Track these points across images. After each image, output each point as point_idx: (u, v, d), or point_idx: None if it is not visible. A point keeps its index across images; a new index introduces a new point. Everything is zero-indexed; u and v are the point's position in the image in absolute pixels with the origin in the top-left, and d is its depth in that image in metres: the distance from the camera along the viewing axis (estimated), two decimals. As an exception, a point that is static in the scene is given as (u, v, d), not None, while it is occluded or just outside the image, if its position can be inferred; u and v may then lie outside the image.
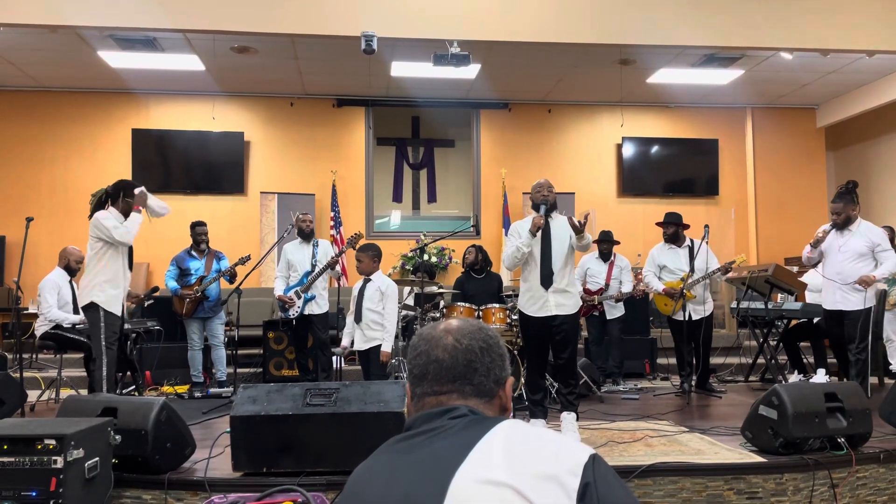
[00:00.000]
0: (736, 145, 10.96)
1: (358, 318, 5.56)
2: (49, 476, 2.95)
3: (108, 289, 5.04)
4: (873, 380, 7.19)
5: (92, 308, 4.98)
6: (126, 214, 5.17)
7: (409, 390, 1.42)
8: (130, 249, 5.27)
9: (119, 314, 5.12)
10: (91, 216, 5.12)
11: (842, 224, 5.77)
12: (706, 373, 6.76)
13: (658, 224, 6.84)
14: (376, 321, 5.53)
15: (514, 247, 4.70)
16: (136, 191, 5.18)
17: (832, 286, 5.80)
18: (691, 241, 6.75)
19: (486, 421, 1.29)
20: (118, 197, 5.19)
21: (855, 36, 7.10)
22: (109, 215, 5.09)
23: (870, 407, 4.05)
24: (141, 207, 5.23)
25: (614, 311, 7.06)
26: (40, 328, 6.33)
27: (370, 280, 5.61)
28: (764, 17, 6.98)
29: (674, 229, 6.70)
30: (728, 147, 10.92)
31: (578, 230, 4.59)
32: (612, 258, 7.17)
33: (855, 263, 5.69)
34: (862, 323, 5.67)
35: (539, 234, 4.68)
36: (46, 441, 2.99)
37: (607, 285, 7.05)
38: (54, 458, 2.96)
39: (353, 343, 5.69)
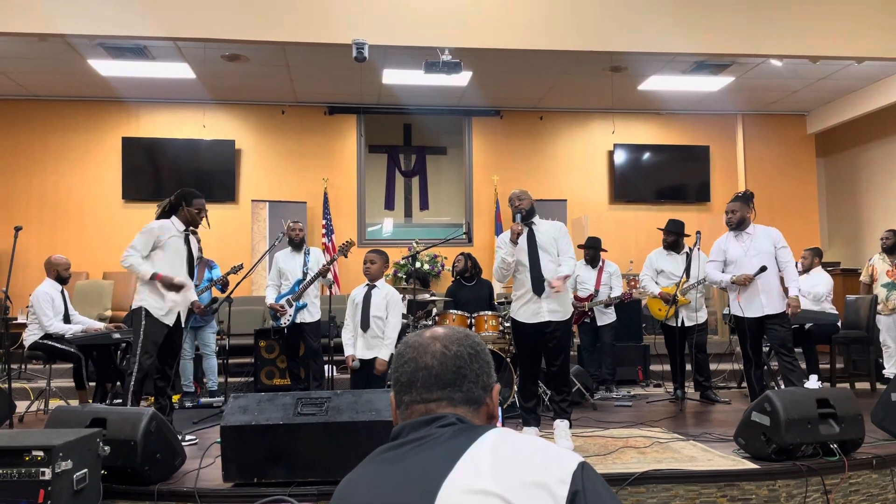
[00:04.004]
0: (727, 152, 11.00)
1: (365, 327, 5.33)
2: (37, 488, 2.92)
3: (157, 296, 4.82)
4: (865, 385, 7.23)
5: (136, 313, 4.80)
6: (188, 224, 4.98)
7: (394, 399, 1.40)
8: (191, 256, 5.02)
9: (169, 324, 4.87)
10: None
11: (737, 224, 5.69)
12: (707, 381, 6.73)
13: (661, 229, 6.85)
14: (382, 330, 5.32)
15: (499, 258, 4.72)
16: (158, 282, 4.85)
17: (751, 292, 5.56)
18: (689, 248, 6.76)
19: (475, 429, 1.28)
20: (180, 206, 4.98)
21: (844, 43, 7.14)
22: (150, 232, 4.86)
23: (862, 413, 4.06)
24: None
25: (605, 318, 7.05)
26: (29, 338, 6.27)
27: (375, 287, 5.39)
28: (754, 24, 7.01)
29: (674, 238, 6.73)
30: (719, 154, 10.95)
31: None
32: (601, 264, 7.18)
33: (768, 262, 5.57)
34: (788, 324, 5.60)
35: (525, 242, 4.69)
36: (34, 452, 2.95)
37: (597, 291, 7.05)
38: (42, 469, 2.93)
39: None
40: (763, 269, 5.51)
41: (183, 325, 5.08)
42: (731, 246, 5.75)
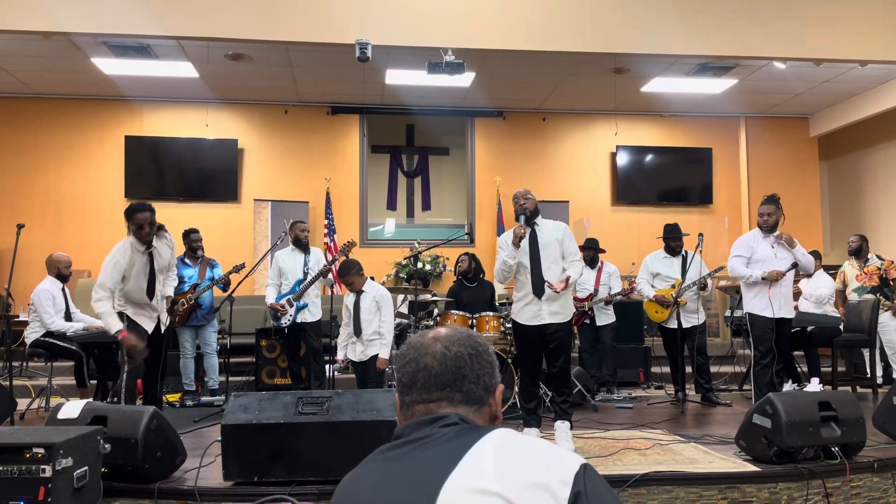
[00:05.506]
0: (730, 154, 10.99)
1: (358, 332, 5.56)
2: (37, 485, 2.92)
3: (128, 306, 5.04)
4: (867, 390, 7.22)
5: (120, 316, 4.99)
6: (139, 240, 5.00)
7: (399, 399, 1.40)
8: (152, 275, 5.09)
9: (147, 329, 5.07)
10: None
11: (771, 226, 5.86)
12: (708, 383, 6.72)
13: (661, 238, 6.85)
14: (376, 332, 5.53)
15: (500, 260, 4.71)
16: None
17: (776, 291, 5.70)
18: (685, 251, 6.80)
19: (477, 429, 1.28)
20: (128, 224, 5.04)
21: (848, 45, 7.13)
22: (117, 266, 4.92)
23: (863, 416, 4.05)
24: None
25: (604, 318, 7.04)
26: (31, 336, 6.28)
27: (363, 291, 5.61)
28: (757, 26, 7.00)
29: (680, 241, 6.77)
30: (722, 156, 10.94)
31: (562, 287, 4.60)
32: (600, 265, 7.18)
33: (792, 270, 5.78)
34: (790, 331, 5.93)
35: (526, 243, 4.68)
36: (35, 450, 2.95)
37: (596, 291, 7.06)
38: (43, 466, 2.93)
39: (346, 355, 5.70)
40: (794, 265, 5.71)
41: (161, 332, 5.21)
42: (761, 245, 5.89)
